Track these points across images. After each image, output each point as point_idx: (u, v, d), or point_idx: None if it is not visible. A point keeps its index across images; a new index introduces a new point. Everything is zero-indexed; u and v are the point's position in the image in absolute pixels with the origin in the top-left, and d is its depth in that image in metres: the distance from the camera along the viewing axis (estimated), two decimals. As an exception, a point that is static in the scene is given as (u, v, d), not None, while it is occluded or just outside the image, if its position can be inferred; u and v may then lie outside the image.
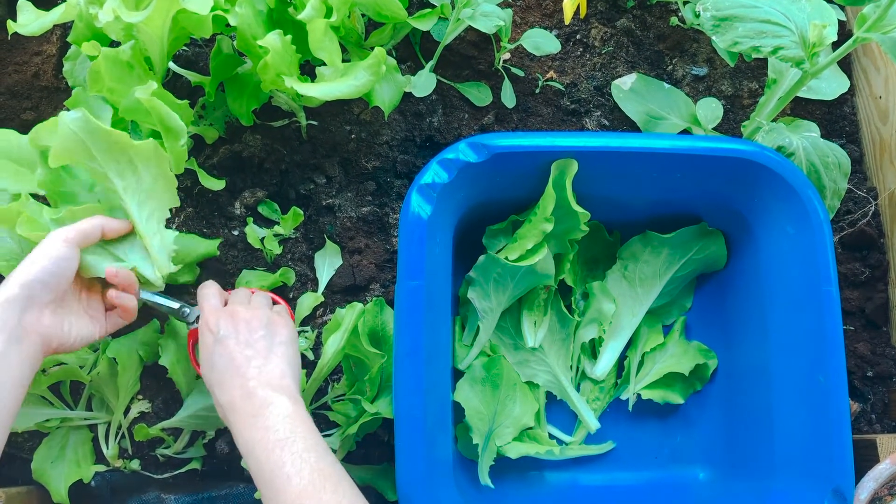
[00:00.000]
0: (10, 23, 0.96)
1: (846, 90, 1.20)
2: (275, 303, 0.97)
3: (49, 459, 0.95)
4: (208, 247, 1.02)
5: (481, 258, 1.00)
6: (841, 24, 1.19)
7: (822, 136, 1.01)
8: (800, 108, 1.20)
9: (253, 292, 0.94)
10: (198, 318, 0.94)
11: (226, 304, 0.90)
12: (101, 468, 0.98)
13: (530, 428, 1.01)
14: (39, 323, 0.78)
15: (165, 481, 1.00)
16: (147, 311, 1.04)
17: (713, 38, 0.95)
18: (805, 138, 1.00)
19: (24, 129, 1.11)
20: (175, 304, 0.94)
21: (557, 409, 1.06)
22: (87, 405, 0.99)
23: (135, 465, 0.99)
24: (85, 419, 0.97)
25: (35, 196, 0.88)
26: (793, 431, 0.92)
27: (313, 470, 0.73)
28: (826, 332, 0.89)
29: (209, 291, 0.91)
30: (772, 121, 1.07)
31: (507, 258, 0.97)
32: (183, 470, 1.00)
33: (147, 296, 0.93)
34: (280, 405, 0.78)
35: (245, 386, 0.79)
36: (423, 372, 0.85)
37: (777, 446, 0.94)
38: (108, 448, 0.98)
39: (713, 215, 1.04)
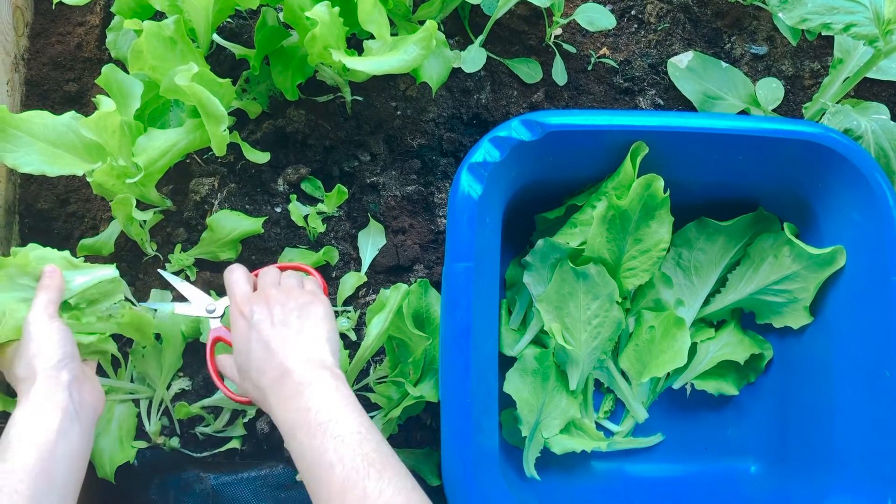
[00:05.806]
0: (54, -8, 0.94)
1: (916, 71, 1.14)
2: (307, 272, 0.93)
3: (96, 431, 0.94)
4: (252, 225, 1.00)
5: (539, 242, 0.97)
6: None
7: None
8: (864, 90, 1.15)
9: (282, 268, 0.90)
10: (224, 313, 0.90)
11: (254, 288, 0.85)
12: (143, 444, 0.97)
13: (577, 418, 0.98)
14: (86, 393, 0.80)
15: (205, 460, 0.99)
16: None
17: (779, 14, 0.91)
18: (874, 121, 0.95)
19: (67, 101, 1.11)
20: (198, 295, 0.92)
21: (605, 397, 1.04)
22: (129, 381, 0.98)
23: (174, 442, 0.98)
24: (129, 392, 0.96)
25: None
26: (855, 428, 0.89)
27: (356, 455, 0.68)
28: (894, 326, 0.86)
29: (237, 276, 0.85)
30: (836, 102, 1.02)
31: (567, 243, 0.94)
32: (222, 449, 0.99)
33: (168, 276, 0.92)
34: (320, 383, 0.73)
35: (283, 365, 0.75)
36: (471, 357, 0.82)
37: (837, 442, 0.91)
38: (150, 424, 0.97)
39: (773, 200, 1.00)
